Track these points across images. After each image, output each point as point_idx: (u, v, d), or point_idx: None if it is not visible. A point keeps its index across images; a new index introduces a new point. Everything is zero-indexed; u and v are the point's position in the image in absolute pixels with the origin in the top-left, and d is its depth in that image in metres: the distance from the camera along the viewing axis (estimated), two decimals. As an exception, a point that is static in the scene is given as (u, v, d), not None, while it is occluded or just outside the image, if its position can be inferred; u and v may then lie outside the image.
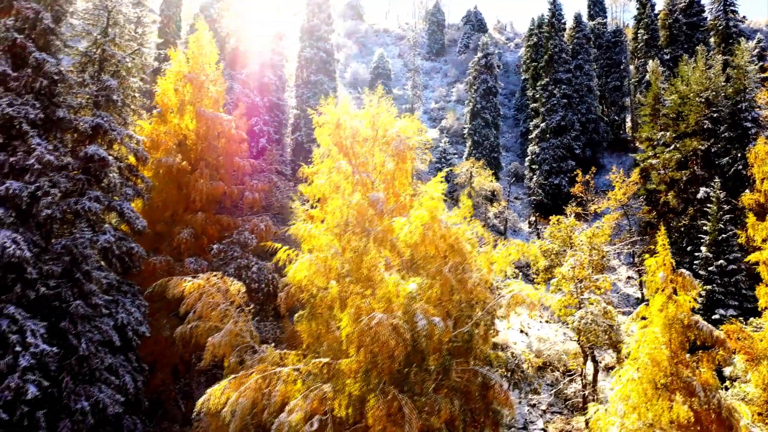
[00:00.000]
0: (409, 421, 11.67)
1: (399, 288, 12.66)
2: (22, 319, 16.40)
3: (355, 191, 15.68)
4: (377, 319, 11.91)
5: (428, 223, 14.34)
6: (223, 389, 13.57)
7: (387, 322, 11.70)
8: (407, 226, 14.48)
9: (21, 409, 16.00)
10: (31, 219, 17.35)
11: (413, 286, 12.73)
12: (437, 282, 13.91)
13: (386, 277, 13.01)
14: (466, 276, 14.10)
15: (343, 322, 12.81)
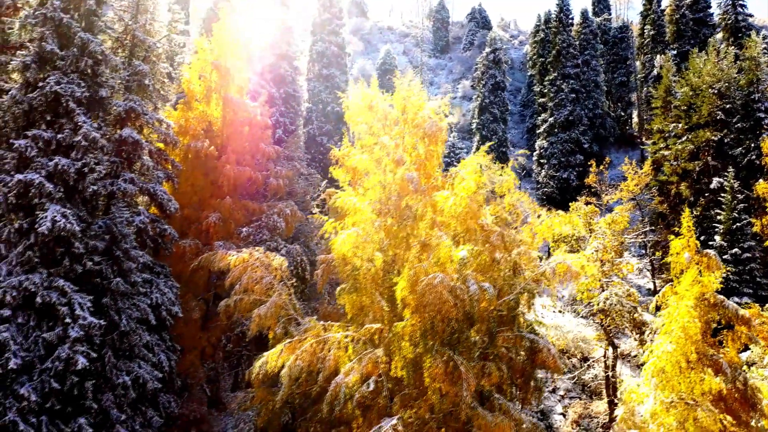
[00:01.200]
0: (466, 379, 12.05)
1: (452, 253, 13.06)
2: (71, 292, 16.75)
3: (397, 166, 16.04)
4: (439, 278, 12.29)
5: (473, 195, 14.71)
6: (279, 353, 13.93)
7: (447, 281, 12.08)
8: (452, 197, 14.85)
9: (71, 379, 16.35)
10: (77, 195, 17.69)
11: (463, 253, 13.10)
12: (485, 250, 14.29)
13: (442, 241, 13.42)
14: (511, 245, 14.48)
15: (399, 285, 13.18)
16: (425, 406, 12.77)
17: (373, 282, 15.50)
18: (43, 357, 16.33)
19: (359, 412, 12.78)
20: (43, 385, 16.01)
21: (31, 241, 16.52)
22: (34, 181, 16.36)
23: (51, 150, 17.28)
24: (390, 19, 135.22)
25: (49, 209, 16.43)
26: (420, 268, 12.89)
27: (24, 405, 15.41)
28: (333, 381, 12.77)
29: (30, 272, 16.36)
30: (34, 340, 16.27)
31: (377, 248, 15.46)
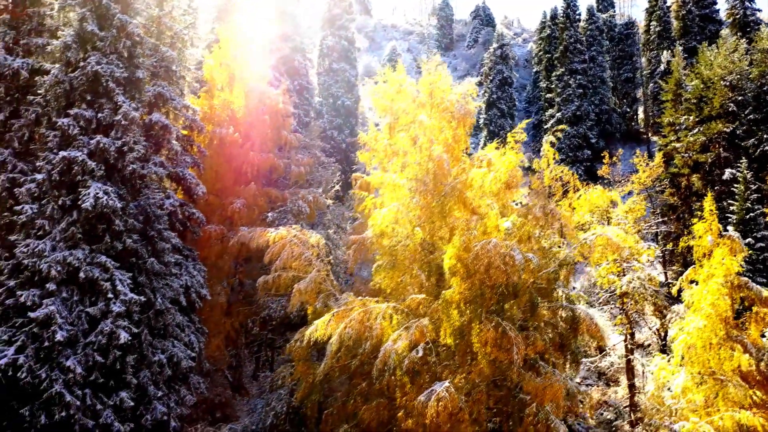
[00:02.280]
0: (516, 344, 12.34)
1: (498, 223, 13.35)
2: (112, 268, 17.01)
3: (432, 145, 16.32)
4: (493, 242, 12.57)
5: (512, 170, 15.01)
6: (327, 322, 14.21)
7: (501, 246, 12.37)
8: (492, 173, 15.13)
9: (113, 353, 16.61)
10: (116, 174, 17.95)
11: (508, 224, 13.40)
12: (528, 222, 14.58)
13: (490, 211, 13.70)
14: (552, 218, 14.77)
15: (447, 253, 13.45)
16: (475, 370, 13.06)
17: (411, 257, 15.78)
18: (87, 331, 16.59)
19: (408, 378, 13.06)
20: (87, 358, 16.27)
21: (74, 217, 16.77)
22: (77, 159, 16.62)
23: (92, 129, 17.55)
24: (393, 17, 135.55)
25: (91, 186, 16.70)
26: (470, 235, 13.17)
27: (70, 377, 15.67)
28: (382, 348, 13.05)
29: (73, 248, 16.61)
30: (78, 315, 16.53)
31: (416, 224, 15.74)
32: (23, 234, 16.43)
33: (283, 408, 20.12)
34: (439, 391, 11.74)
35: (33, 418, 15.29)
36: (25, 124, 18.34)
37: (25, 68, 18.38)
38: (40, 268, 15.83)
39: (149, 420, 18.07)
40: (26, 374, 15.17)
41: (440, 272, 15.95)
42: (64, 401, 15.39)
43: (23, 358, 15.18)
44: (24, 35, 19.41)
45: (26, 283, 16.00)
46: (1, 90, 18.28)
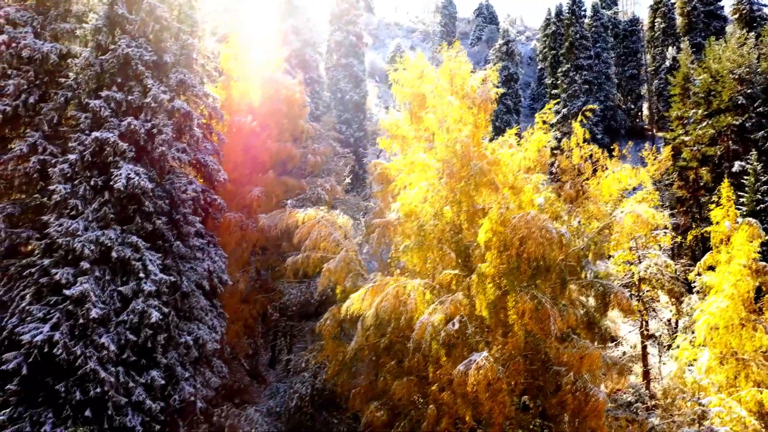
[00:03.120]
0: (553, 315, 12.56)
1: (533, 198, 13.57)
2: (143, 249, 17.21)
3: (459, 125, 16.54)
4: (532, 214, 12.78)
5: (542, 149, 15.22)
6: (362, 296, 14.42)
7: (538, 218, 12.59)
8: (521, 152, 15.35)
9: (145, 332, 16.80)
10: (145, 156, 18.15)
11: (540, 200, 13.62)
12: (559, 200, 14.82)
13: (526, 186, 13.93)
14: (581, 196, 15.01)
15: (483, 228, 13.67)
16: (511, 342, 13.28)
17: (440, 236, 15.98)
18: (119, 310, 16.78)
19: (443, 351, 13.26)
20: (119, 337, 16.46)
21: (106, 198, 16.97)
22: (108, 140, 16.81)
23: (122, 111, 17.75)
24: (396, 15, 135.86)
25: (122, 167, 16.89)
26: (507, 209, 13.39)
27: (104, 354, 15.86)
28: (418, 321, 13.25)
29: (105, 228, 16.80)
30: (110, 294, 16.72)
31: (444, 204, 15.95)
32: (56, 214, 16.61)
33: (307, 390, 20.34)
34: (478, 360, 11.94)
35: (68, 394, 15.48)
36: (53, 107, 18.50)
37: (54, 52, 18.54)
38: (74, 246, 16.02)
39: (177, 400, 18.26)
40: (61, 351, 15.34)
41: (467, 252, 16.17)
42: (98, 378, 15.58)
43: (58, 335, 15.36)
44: (51, 21, 19.56)
45: (60, 262, 16.18)
46: (31, 74, 18.43)
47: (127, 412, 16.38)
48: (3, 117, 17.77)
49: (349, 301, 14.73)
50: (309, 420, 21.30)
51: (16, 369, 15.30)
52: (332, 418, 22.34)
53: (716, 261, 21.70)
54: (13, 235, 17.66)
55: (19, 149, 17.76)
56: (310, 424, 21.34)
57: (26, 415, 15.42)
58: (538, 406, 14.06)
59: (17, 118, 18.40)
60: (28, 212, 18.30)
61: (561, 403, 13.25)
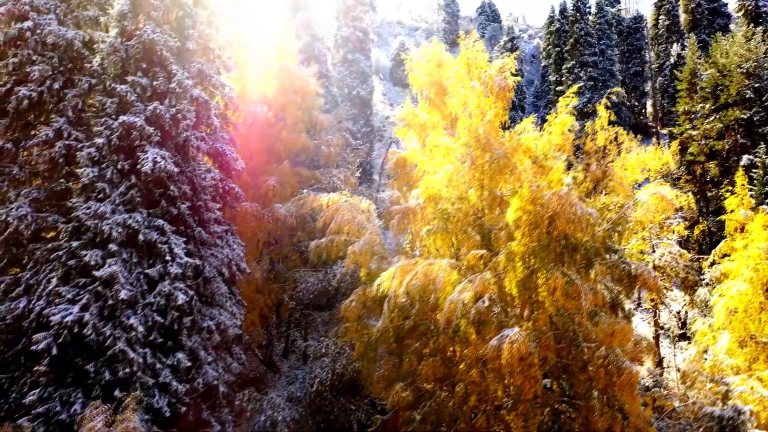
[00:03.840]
0: (584, 292, 12.73)
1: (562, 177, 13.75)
2: (169, 232, 17.37)
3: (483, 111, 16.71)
4: (564, 191, 12.95)
5: (565, 133, 15.40)
6: (392, 275, 14.57)
7: (570, 195, 12.76)
8: (545, 135, 15.53)
9: (171, 314, 16.96)
10: (170, 141, 18.30)
11: (569, 179, 13.80)
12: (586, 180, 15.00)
13: (555, 165, 14.12)
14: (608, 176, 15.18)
15: (512, 206, 13.84)
16: (541, 318, 13.46)
17: (464, 220, 16.15)
18: (145, 292, 16.93)
19: (473, 328, 13.42)
20: (146, 318, 16.62)
21: (132, 181, 17.12)
22: (135, 124, 16.96)
23: (147, 96, 17.91)
24: (398, 13, 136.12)
25: (148, 151, 17.05)
26: (538, 187, 13.57)
27: (132, 335, 16.01)
28: (448, 299, 13.41)
29: (131, 211, 16.96)
30: (137, 276, 16.87)
31: (468, 187, 16.12)
32: (83, 197, 16.76)
33: (327, 375, 20.49)
34: (511, 335, 12.11)
35: (97, 375, 15.63)
36: (78, 93, 18.66)
37: (78, 39, 18.71)
38: (102, 229, 16.17)
39: (201, 383, 18.41)
40: (91, 331, 15.49)
41: (489, 235, 16.34)
42: (127, 358, 15.73)
43: (88, 316, 15.51)
44: (74, 8, 19.72)
45: (88, 244, 16.33)
46: (55, 60, 18.59)
47: (154, 393, 16.54)
48: (29, 102, 17.93)
49: (379, 279, 14.88)
50: (328, 405, 21.47)
51: (45, 349, 15.45)
52: (350, 405, 22.51)
53: (731, 249, 21.90)
54: (39, 219, 17.83)
55: (45, 134, 17.94)
56: (329, 409, 21.51)
57: (56, 395, 15.58)
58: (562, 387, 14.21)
59: (42, 104, 18.56)
60: (53, 197, 18.48)
61: (590, 380, 13.42)
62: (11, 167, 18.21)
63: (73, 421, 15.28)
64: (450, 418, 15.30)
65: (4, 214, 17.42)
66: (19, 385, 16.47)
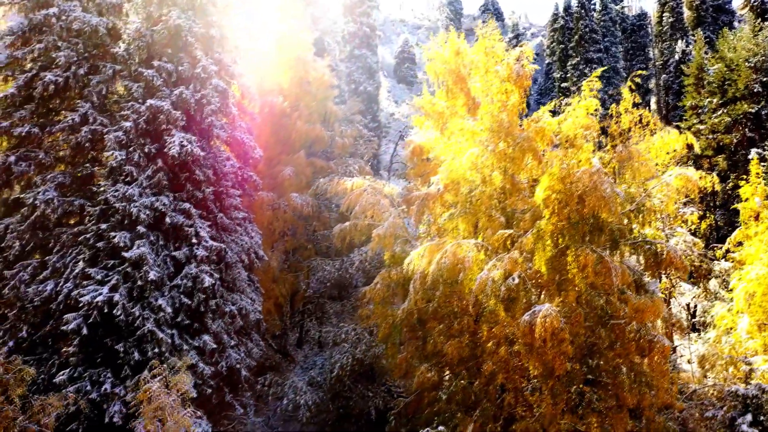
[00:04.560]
0: (614, 268, 12.91)
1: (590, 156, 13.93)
2: (195, 215, 17.53)
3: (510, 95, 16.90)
4: (596, 167, 13.13)
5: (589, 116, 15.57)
6: (421, 254, 14.75)
7: (601, 173, 12.93)
8: (569, 118, 15.70)
9: (198, 296, 17.13)
10: (194, 125, 18.47)
11: (596, 160, 13.96)
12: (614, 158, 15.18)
13: (585, 144, 14.31)
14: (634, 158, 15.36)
15: (541, 184, 14.01)
16: (572, 295, 13.62)
17: (488, 203, 16.32)
18: (172, 275, 17.11)
19: (502, 306, 13.58)
20: (173, 300, 16.79)
21: (159, 165, 17.29)
22: (162, 108, 17.13)
23: (172, 82, 18.07)
24: (401, 11, 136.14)
25: (175, 135, 17.21)
26: (568, 164, 13.75)
27: (161, 316, 16.18)
28: (477, 277, 13.58)
29: (158, 194, 17.13)
30: (163, 259, 17.04)
31: (492, 169, 16.30)
32: (111, 180, 16.93)
33: (348, 360, 20.66)
34: (543, 310, 12.29)
35: (126, 355, 15.79)
36: (102, 80, 18.82)
37: (102, 25, 18.85)
38: (130, 211, 16.33)
39: (224, 366, 18.58)
40: (120, 312, 15.66)
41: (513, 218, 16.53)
42: (156, 338, 15.89)
43: (118, 296, 15.67)
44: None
45: (116, 226, 16.49)
46: (80, 46, 18.76)
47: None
48: (55, 87, 18.08)
49: (409, 258, 15.06)
50: (347, 391, 21.65)
51: (76, 329, 15.62)
52: (368, 392, 22.70)
53: (746, 236, 22.11)
54: (65, 204, 17.98)
55: (71, 119, 18.09)
56: (348, 394, 21.68)
57: (86, 375, 15.74)
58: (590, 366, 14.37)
59: (67, 90, 18.71)
60: (77, 182, 18.64)
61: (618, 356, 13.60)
62: (37, 152, 18.35)
63: (103, 400, 15.49)
64: (475, 398, 15.47)
65: (31, 197, 17.58)
66: (48, 366, 16.61)
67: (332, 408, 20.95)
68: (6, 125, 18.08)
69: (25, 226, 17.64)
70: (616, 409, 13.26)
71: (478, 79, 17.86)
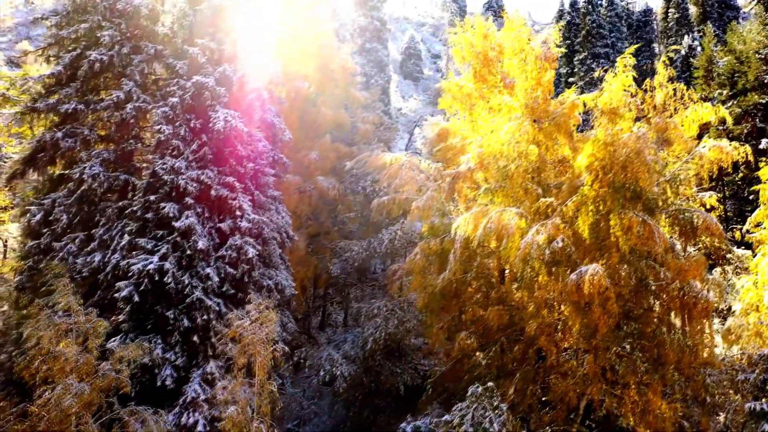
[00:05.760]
0: (657, 230, 13.44)
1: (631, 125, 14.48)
2: (238, 189, 18.03)
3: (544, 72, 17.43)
4: (641, 132, 13.66)
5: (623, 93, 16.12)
6: (467, 220, 15.26)
7: (646, 139, 13.47)
8: (606, 93, 16.24)
9: (242, 267, 17.62)
10: (235, 103, 18.96)
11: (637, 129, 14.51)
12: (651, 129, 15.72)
13: (627, 113, 14.85)
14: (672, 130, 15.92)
15: (584, 152, 14.55)
16: (615, 256, 14.15)
17: (524, 175, 16.86)
18: (217, 246, 17.60)
19: (545, 269, 14.11)
20: (219, 270, 17.28)
21: (204, 139, 17.79)
22: (207, 84, 17.63)
23: (214, 59, 18.56)
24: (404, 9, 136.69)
25: (219, 111, 17.72)
26: (613, 131, 14.29)
27: (208, 284, 16.69)
28: (522, 241, 14.11)
29: (203, 168, 17.62)
30: (209, 230, 17.54)
31: (529, 143, 16.83)
32: (159, 153, 17.43)
33: (381, 334, 21.17)
34: (590, 269, 12.82)
35: (176, 321, 16.28)
36: (144, 59, 19.32)
37: (144, 6, 19.37)
38: (178, 183, 16.83)
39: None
40: (171, 280, 16.14)
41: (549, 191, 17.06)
42: (204, 306, 16.40)
43: (168, 264, 16.16)
44: (136, -22, 20.36)
45: (164, 198, 16.97)
46: (123, 26, 19.26)
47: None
48: (100, 66, 18.57)
49: (456, 222, 15.57)
50: (378, 366, 22.15)
51: (127, 297, 16.10)
52: (396, 368, 23.23)
53: (765, 216, 22.67)
54: (110, 178, 18.47)
55: (116, 96, 18.59)
56: (378, 369, 22.19)
57: (137, 341, 16.19)
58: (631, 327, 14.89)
59: (110, 68, 19.20)
60: (121, 158, 19.12)
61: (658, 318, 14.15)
62: (82, 129, 18.84)
63: (154, 365, 15.98)
64: (514, 363, 16.00)
65: (78, 172, 18.08)
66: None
67: (365, 381, 21.46)
68: (53, 102, 18.57)
69: (72, 200, 18.13)
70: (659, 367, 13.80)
71: (514, 57, 18.31)
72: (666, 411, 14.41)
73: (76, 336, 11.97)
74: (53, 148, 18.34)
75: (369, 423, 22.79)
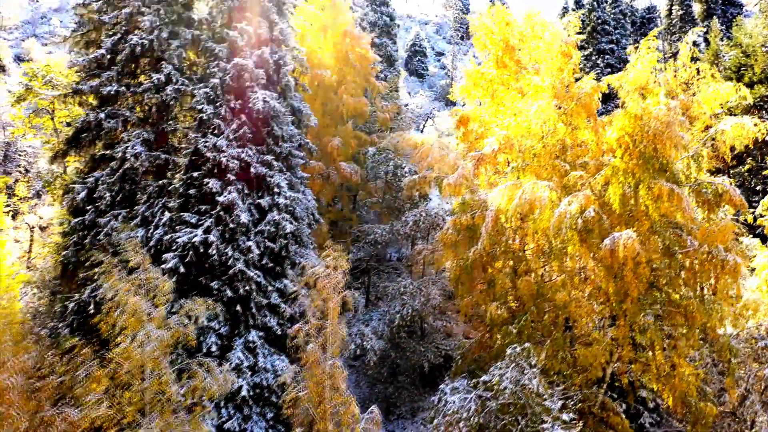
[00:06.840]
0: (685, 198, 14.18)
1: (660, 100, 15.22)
2: (276, 167, 18.75)
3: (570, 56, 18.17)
4: (673, 103, 14.39)
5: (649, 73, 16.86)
6: (501, 193, 16.00)
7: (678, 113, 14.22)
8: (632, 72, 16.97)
9: (280, 242, 18.35)
10: (272, 86, 19.70)
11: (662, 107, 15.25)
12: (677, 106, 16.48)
13: (657, 89, 15.59)
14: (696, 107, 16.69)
15: (614, 126, 15.32)
16: (646, 224, 14.90)
17: (551, 153, 17.59)
18: (256, 221, 18.32)
19: (577, 237, 14.85)
20: (258, 245, 18.00)
21: (243, 119, 18.50)
22: (246, 66, 18.35)
23: (252, 43, 19.28)
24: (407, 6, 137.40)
25: (257, 92, 18.43)
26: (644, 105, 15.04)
27: (249, 257, 17.41)
28: (556, 211, 14.85)
29: (242, 147, 18.34)
30: (248, 206, 18.25)
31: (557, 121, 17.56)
32: (201, 132, 18.13)
33: (408, 311, 21.90)
34: (624, 234, 13.56)
35: (219, 292, 17.00)
36: (181, 44, 20.01)
37: (181, -8, 20.05)
38: (220, 160, 17.55)
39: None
40: (214, 252, 16.87)
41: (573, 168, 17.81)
42: (246, 277, 17.12)
43: (212, 237, 16.88)
44: (173, -35, 21.03)
45: (207, 175, 17.69)
46: (162, 11, 19.93)
47: (266, 313, 17.93)
48: (141, 49, 19.26)
49: (492, 194, 16.34)
50: (404, 342, 22.89)
51: (173, 268, 16.80)
52: (419, 346, 23.97)
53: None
54: (151, 158, 19.15)
55: (156, 79, 19.26)
56: (404, 345, 22.93)
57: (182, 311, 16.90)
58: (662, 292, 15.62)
59: (150, 52, 19.88)
60: (161, 138, 19.81)
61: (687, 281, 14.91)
62: (123, 110, 19.53)
63: (200, 333, 16.68)
64: (544, 331, 16.74)
65: (121, 152, 18.75)
66: (142, 305, 17.76)
67: (394, 355, 22.18)
68: (95, 84, 19.26)
69: (115, 179, 18.79)
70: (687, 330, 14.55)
71: (540, 41, 19.04)
72: (691, 375, 15.17)
73: (146, 292, 12.72)
74: (96, 128, 19.02)
75: (394, 399, 23.55)
